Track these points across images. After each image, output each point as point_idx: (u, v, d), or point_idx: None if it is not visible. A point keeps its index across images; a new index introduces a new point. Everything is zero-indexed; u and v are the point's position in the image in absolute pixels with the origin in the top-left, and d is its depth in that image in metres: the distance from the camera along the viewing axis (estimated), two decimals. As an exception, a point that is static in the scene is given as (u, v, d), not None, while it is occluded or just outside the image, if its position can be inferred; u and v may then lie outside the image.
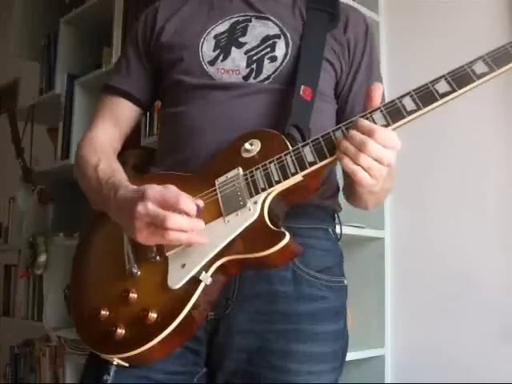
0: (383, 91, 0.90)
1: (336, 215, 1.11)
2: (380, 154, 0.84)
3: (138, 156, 1.91)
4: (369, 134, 0.83)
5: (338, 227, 1.12)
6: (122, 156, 1.74)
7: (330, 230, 1.08)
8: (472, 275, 1.75)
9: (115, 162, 1.07)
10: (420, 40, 1.95)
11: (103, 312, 0.92)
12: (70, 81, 2.33)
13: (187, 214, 0.85)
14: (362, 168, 0.84)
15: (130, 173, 1.98)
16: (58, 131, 2.36)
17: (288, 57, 1.05)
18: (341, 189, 1.12)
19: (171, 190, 0.87)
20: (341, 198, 1.13)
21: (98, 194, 1.01)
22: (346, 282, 1.07)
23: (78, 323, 0.99)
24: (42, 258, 2.29)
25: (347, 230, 1.84)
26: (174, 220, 0.84)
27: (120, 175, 1.01)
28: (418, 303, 1.86)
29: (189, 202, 0.85)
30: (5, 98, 3.51)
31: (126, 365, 0.90)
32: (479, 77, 0.84)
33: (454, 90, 0.84)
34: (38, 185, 2.39)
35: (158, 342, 0.86)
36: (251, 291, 0.97)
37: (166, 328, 0.86)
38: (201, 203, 0.89)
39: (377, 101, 0.88)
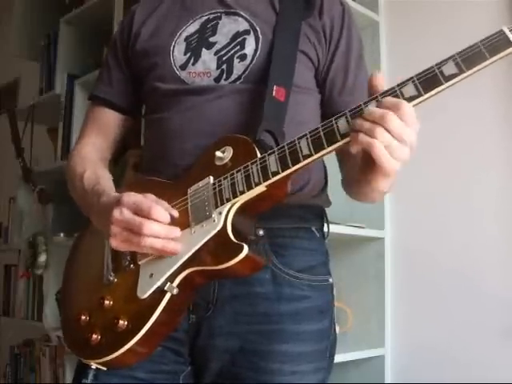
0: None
1: (323, 213, 1.09)
2: (401, 130, 0.76)
3: (137, 156, 1.91)
4: (392, 108, 0.76)
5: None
6: (123, 156, 1.75)
7: (313, 228, 1.06)
8: (472, 275, 1.75)
9: (101, 170, 1.09)
10: (420, 40, 1.95)
11: (83, 317, 0.95)
12: (70, 81, 2.33)
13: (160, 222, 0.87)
14: (383, 144, 0.76)
15: (130, 173, 1.98)
16: (58, 131, 2.36)
17: (258, 53, 1.02)
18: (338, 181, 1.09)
19: (148, 199, 0.88)
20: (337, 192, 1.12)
21: (84, 201, 1.03)
22: (331, 280, 1.05)
23: (64, 327, 1.03)
24: (42, 258, 2.29)
25: (347, 230, 1.84)
26: (149, 226, 0.85)
27: (105, 182, 1.02)
28: (418, 303, 1.87)
29: (161, 212, 0.87)
30: (5, 98, 3.51)
31: (105, 369, 0.91)
32: (447, 79, 0.77)
33: (420, 95, 0.77)
34: (38, 185, 2.39)
35: (128, 349, 0.87)
36: (230, 294, 0.97)
37: (133, 337, 0.87)
38: (175, 213, 0.90)
39: (380, 89, 0.81)
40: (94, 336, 0.91)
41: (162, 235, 0.87)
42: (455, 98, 1.77)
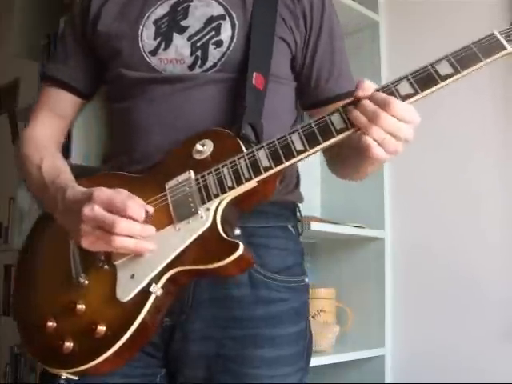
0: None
1: (298, 209, 1.05)
2: (394, 127, 0.78)
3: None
4: (383, 105, 0.78)
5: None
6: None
7: (289, 226, 1.02)
8: (472, 275, 1.75)
9: (59, 160, 1.02)
10: (420, 40, 1.95)
11: (50, 323, 0.87)
12: (70, 81, 2.33)
13: (135, 220, 0.82)
14: (376, 141, 0.78)
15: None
16: (58, 131, 2.36)
17: (235, 40, 0.97)
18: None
19: (121, 194, 0.83)
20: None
21: (44, 195, 0.96)
22: (307, 280, 1.03)
23: (24, 335, 0.93)
24: (42, 258, 2.28)
25: (347, 230, 1.84)
26: (122, 225, 0.80)
27: (66, 176, 0.95)
28: (418, 303, 1.87)
29: (137, 208, 0.81)
30: (5, 98, 3.51)
31: (76, 378, 0.84)
32: (444, 78, 0.79)
33: (416, 93, 0.79)
34: (38, 185, 2.39)
35: (107, 356, 0.82)
36: (207, 297, 0.93)
37: (115, 343, 0.82)
38: (150, 209, 0.85)
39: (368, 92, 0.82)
40: (67, 344, 0.84)
41: (136, 234, 0.82)
42: (455, 96, 1.77)
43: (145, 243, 0.83)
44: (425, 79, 0.79)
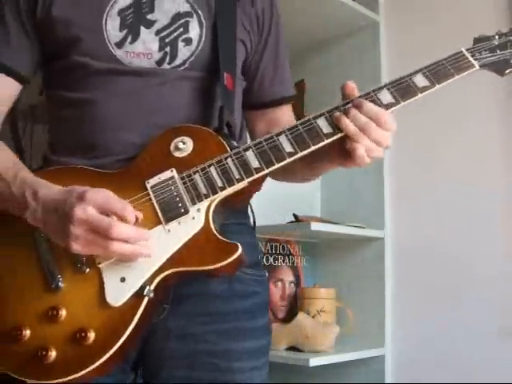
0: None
1: (250, 205, 1.05)
2: (381, 137, 0.85)
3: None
4: (375, 119, 0.84)
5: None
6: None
7: (248, 223, 1.03)
8: (471, 275, 1.75)
9: (12, 154, 0.95)
10: (420, 40, 1.95)
11: (25, 332, 0.81)
12: (70, 81, 2.32)
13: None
14: (363, 148, 0.85)
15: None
16: (58, 131, 2.36)
17: (203, 39, 0.97)
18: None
19: (114, 197, 0.80)
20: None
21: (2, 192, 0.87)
22: (267, 274, 1.05)
23: None
24: (42, 258, 2.28)
25: (347, 230, 1.84)
26: (119, 229, 0.77)
27: (26, 171, 0.89)
28: (418, 303, 1.87)
29: (133, 211, 0.79)
30: (5, 98, 3.51)
31: None
32: (422, 90, 0.87)
33: (397, 102, 0.87)
34: (38, 185, 2.39)
35: (98, 365, 0.78)
36: (186, 293, 0.91)
37: (108, 349, 0.78)
38: (140, 215, 0.82)
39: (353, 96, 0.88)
40: (50, 353, 0.79)
41: (132, 239, 0.79)
42: (456, 97, 1.77)
43: (142, 249, 0.81)
44: (404, 90, 0.87)
